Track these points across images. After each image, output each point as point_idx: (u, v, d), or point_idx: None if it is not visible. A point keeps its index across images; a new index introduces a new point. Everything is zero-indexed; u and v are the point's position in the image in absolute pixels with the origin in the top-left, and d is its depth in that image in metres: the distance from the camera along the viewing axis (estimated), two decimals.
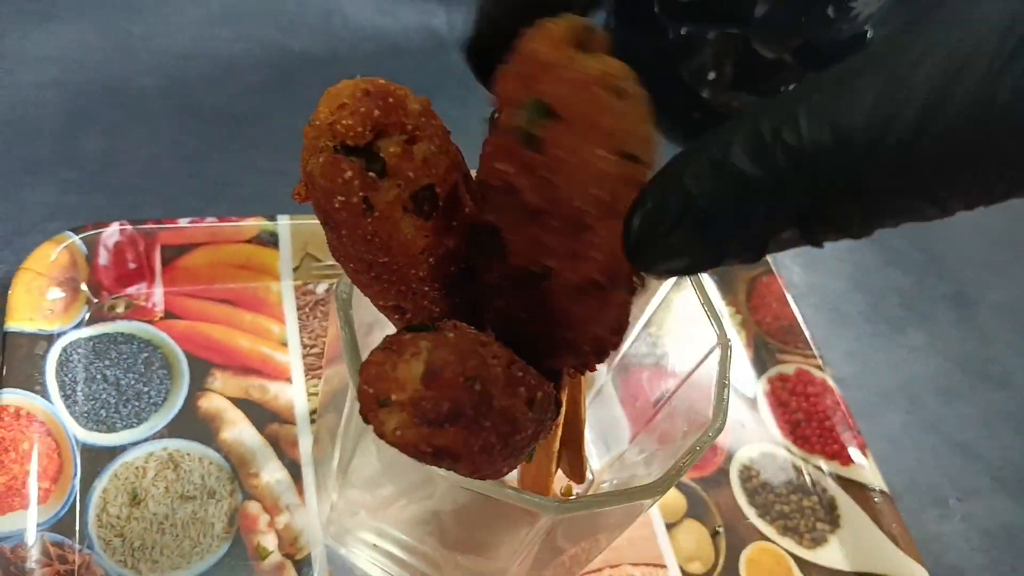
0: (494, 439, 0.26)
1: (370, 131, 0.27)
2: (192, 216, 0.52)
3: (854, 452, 0.53)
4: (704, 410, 0.36)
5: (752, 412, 0.55)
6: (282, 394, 0.49)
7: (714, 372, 0.37)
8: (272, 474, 0.46)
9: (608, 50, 0.25)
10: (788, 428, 0.55)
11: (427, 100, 0.29)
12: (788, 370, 0.57)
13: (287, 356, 0.50)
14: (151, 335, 0.49)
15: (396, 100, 0.28)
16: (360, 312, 0.33)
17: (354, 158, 0.27)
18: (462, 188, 0.31)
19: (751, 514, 0.51)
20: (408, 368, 0.25)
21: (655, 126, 0.25)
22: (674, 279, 0.40)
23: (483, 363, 0.26)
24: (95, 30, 0.65)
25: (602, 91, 0.24)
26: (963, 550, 0.54)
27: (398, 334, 0.27)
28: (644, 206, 0.24)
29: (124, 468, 0.44)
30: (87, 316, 0.49)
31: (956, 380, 0.63)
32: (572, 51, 0.25)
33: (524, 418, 0.28)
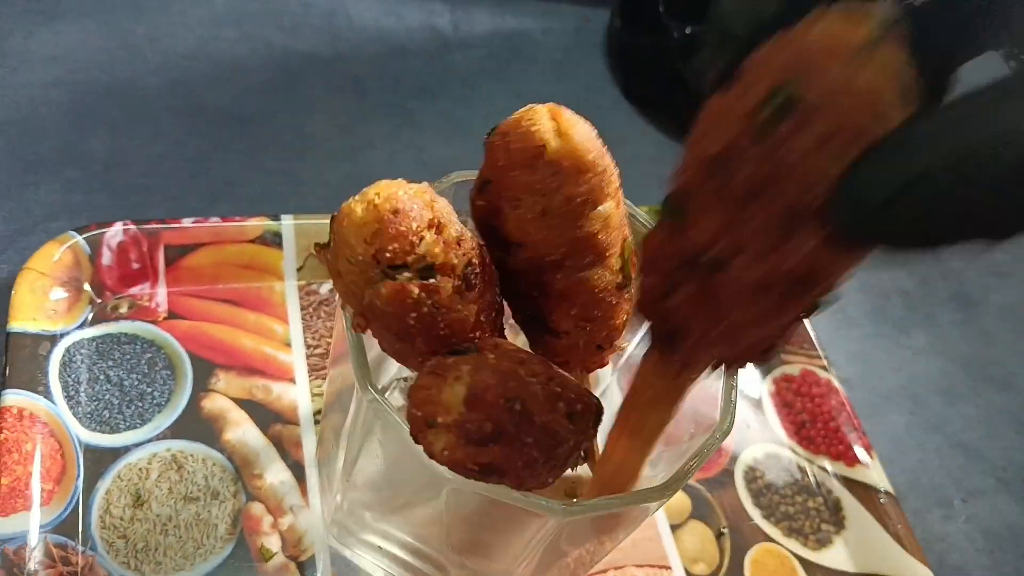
0: (536, 453, 0.27)
1: (417, 245, 0.28)
2: (196, 216, 0.52)
3: (859, 453, 0.53)
4: (710, 411, 0.36)
5: (757, 413, 0.55)
6: (286, 395, 0.49)
7: (719, 373, 0.37)
8: (276, 475, 0.46)
9: (898, 53, 0.23)
10: (793, 429, 0.55)
11: (425, 184, 0.30)
12: (793, 371, 0.57)
13: (291, 356, 0.50)
14: (154, 335, 0.49)
15: (419, 202, 0.28)
16: None
17: (407, 273, 0.28)
18: (481, 244, 0.32)
19: (756, 515, 0.51)
20: (452, 392, 0.26)
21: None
22: None
23: (522, 383, 0.27)
24: (100, 30, 0.65)
25: (866, 112, 0.23)
26: (967, 551, 0.54)
27: (442, 358, 0.28)
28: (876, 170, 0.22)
29: (127, 469, 0.44)
30: (90, 316, 0.49)
31: (959, 381, 0.63)
32: (855, 48, 0.22)
33: (565, 431, 0.28)
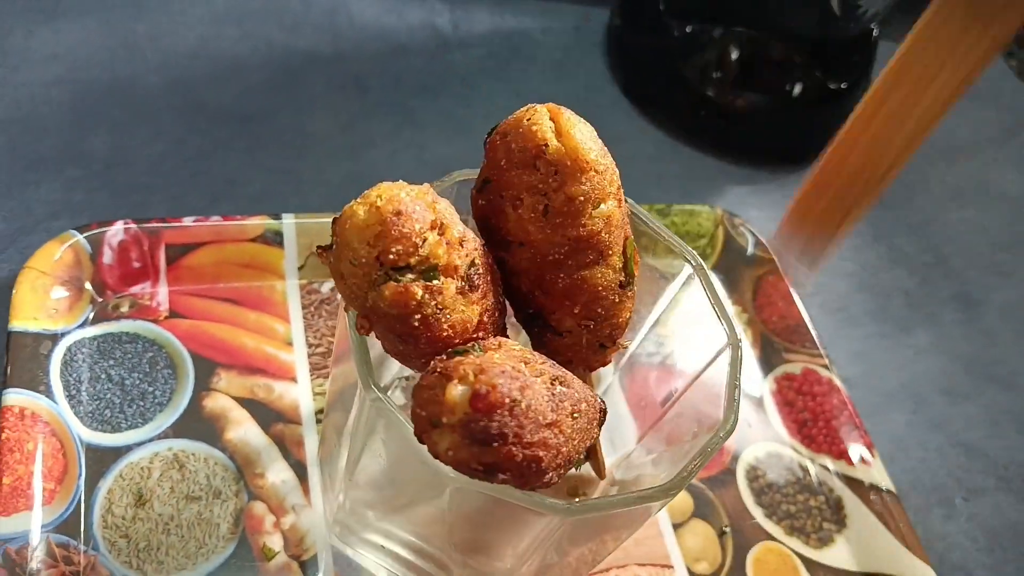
0: (542, 453, 0.27)
1: (420, 246, 0.28)
2: (197, 215, 0.52)
3: (861, 451, 0.53)
4: (713, 411, 0.36)
5: (758, 412, 0.55)
6: (287, 394, 0.49)
7: (723, 372, 0.37)
8: (278, 474, 0.46)
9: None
10: (795, 428, 0.55)
11: (426, 185, 0.30)
12: (794, 369, 0.56)
13: (292, 355, 0.50)
14: (156, 334, 0.49)
15: (421, 203, 0.28)
16: None
17: (410, 275, 0.28)
18: (483, 244, 0.32)
19: (758, 514, 0.51)
20: (456, 392, 0.26)
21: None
22: (683, 279, 0.40)
23: (526, 383, 0.27)
24: (101, 29, 0.65)
25: None
26: (969, 550, 0.54)
27: (446, 358, 0.28)
28: None
29: (129, 468, 0.44)
30: (91, 315, 0.49)
31: (961, 380, 0.63)
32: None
33: (570, 430, 0.28)
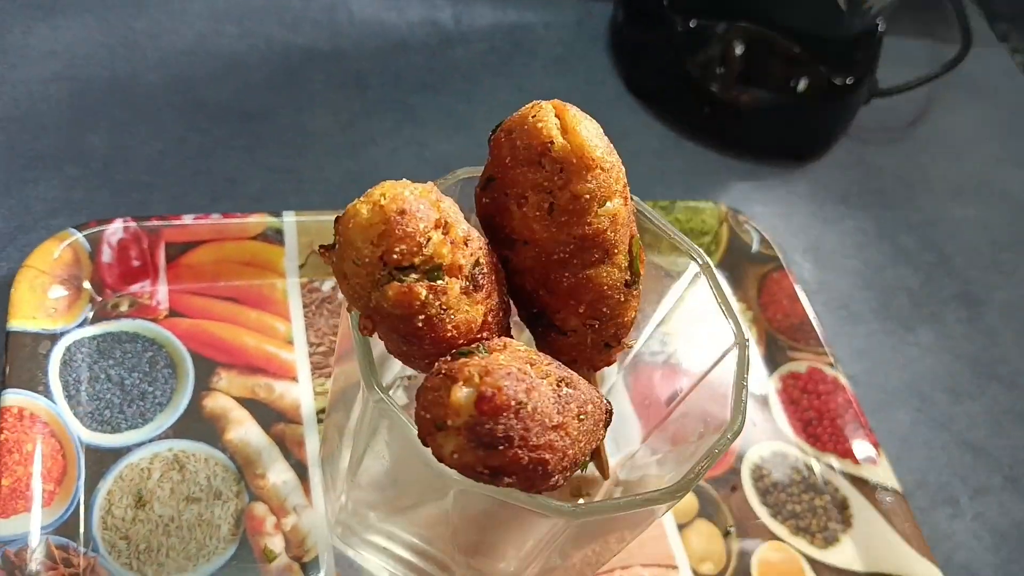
0: (548, 456, 0.27)
1: (424, 246, 0.27)
2: (198, 213, 0.52)
3: (866, 450, 0.53)
4: (719, 411, 0.36)
5: (763, 410, 0.55)
6: (288, 393, 0.48)
7: (729, 372, 0.36)
8: (279, 475, 0.45)
9: None
10: (800, 426, 0.54)
11: (430, 183, 0.29)
12: (799, 368, 0.56)
13: (293, 355, 0.50)
14: (155, 334, 0.49)
15: (425, 202, 0.28)
16: None
17: (415, 275, 0.27)
18: (487, 243, 0.31)
19: (763, 514, 0.50)
20: (462, 394, 0.26)
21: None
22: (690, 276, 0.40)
23: (532, 385, 0.27)
24: (99, 26, 0.64)
25: None
26: (974, 548, 0.53)
27: (451, 359, 0.27)
28: None
29: (129, 469, 0.44)
30: (90, 315, 0.48)
31: (965, 379, 0.62)
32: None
33: (576, 432, 0.28)
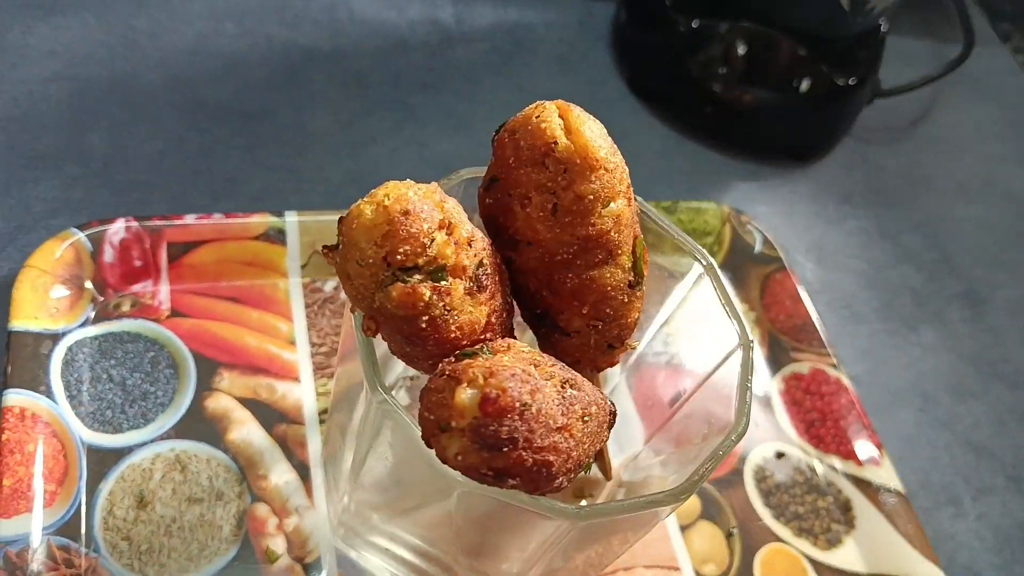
0: (552, 457, 0.27)
1: (428, 246, 0.27)
2: (199, 212, 0.51)
3: (869, 451, 0.53)
4: (723, 412, 0.35)
5: (766, 411, 0.55)
6: (290, 394, 0.48)
7: (733, 373, 0.36)
8: (281, 475, 0.45)
9: None
10: (803, 427, 0.54)
11: (434, 183, 0.29)
12: (802, 369, 0.56)
13: (295, 355, 0.50)
14: (157, 334, 0.49)
15: (429, 202, 0.28)
16: None
17: (418, 275, 0.27)
18: (491, 244, 0.31)
19: (765, 515, 0.50)
20: (466, 395, 0.26)
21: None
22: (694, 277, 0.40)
23: (537, 387, 0.27)
24: (99, 25, 0.64)
25: None
26: (977, 549, 0.53)
27: (455, 360, 0.27)
28: None
29: (131, 470, 0.44)
30: (92, 315, 0.48)
31: (969, 378, 0.62)
32: None
33: (580, 434, 0.28)
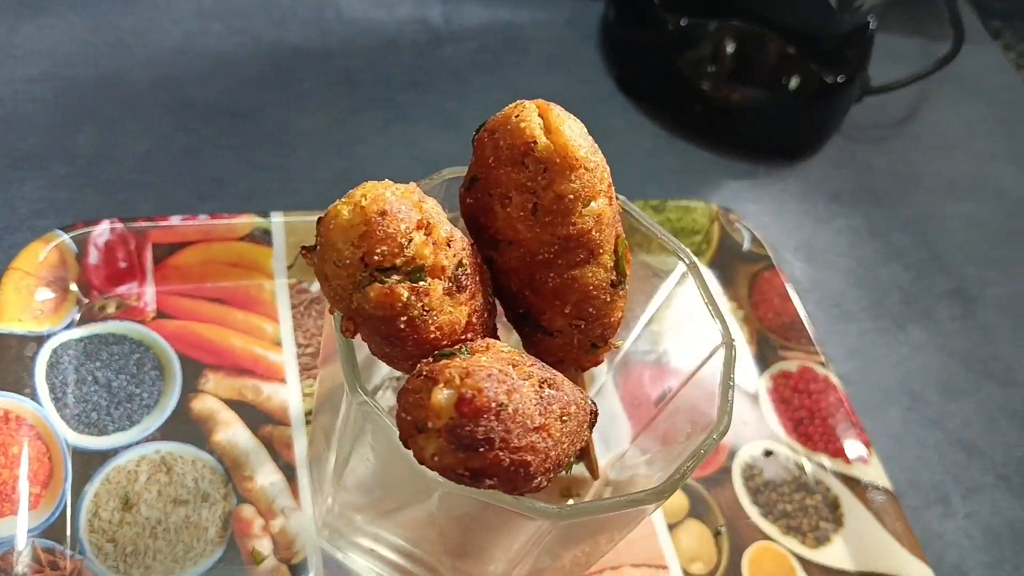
0: (530, 457, 0.26)
1: (406, 247, 0.27)
2: (186, 213, 0.51)
3: (858, 449, 0.53)
4: (707, 410, 0.35)
5: (754, 409, 0.55)
6: (276, 395, 0.48)
7: (718, 371, 0.36)
8: (266, 477, 0.45)
9: None
10: (791, 426, 0.54)
11: (412, 184, 0.29)
12: (791, 367, 0.56)
13: (281, 356, 0.50)
14: (142, 335, 0.48)
15: (407, 203, 0.28)
16: None
17: (396, 276, 0.27)
18: (471, 244, 0.31)
19: (753, 513, 0.50)
20: (442, 396, 0.26)
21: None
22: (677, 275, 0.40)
23: (514, 387, 0.26)
24: (86, 24, 0.64)
25: None
26: (966, 548, 0.53)
27: (432, 361, 0.27)
28: None
29: (116, 472, 0.43)
30: (77, 317, 0.48)
31: (958, 377, 0.62)
32: None
33: (559, 434, 0.28)
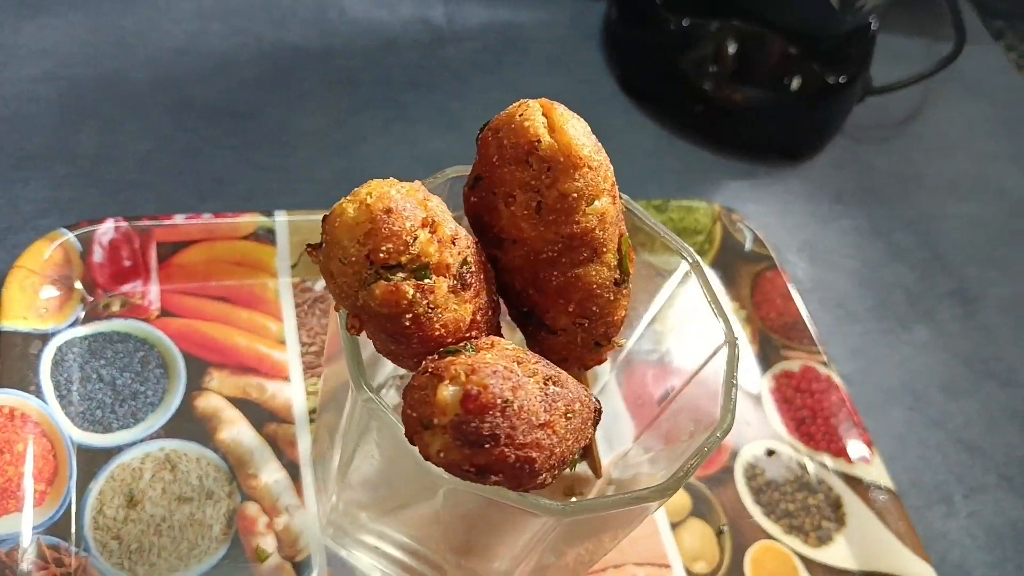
0: (535, 454, 0.27)
1: (411, 244, 0.27)
2: (188, 212, 0.51)
3: (860, 449, 0.53)
4: (710, 409, 0.35)
5: (757, 409, 0.55)
6: (280, 393, 0.48)
7: (721, 370, 0.36)
8: (271, 475, 0.45)
9: None
10: (793, 425, 0.54)
11: (417, 182, 0.29)
12: (793, 366, 0.56)
13: (285, 354, 0.50)
14: (147, 334, 0.48)
15: (412, 201, 0.28)
16: None
17: (401, 273, 0.27)
18: (476, 242, 0.31)
19: (756, 512, 0.50)
20: (448, 392, 0.26)
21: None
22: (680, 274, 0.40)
23: (519, 384, 0.27)
24: (88, 24, 0.64)
25: None
26: (969, 548, 0.53)
27: (437, 358, 0.27)
28: None
29: (120, 469, 0.44)
30: (82, 315, 0.48)
31: (961, 377, 0.62)
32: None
33: (563, 431, 0.28)
